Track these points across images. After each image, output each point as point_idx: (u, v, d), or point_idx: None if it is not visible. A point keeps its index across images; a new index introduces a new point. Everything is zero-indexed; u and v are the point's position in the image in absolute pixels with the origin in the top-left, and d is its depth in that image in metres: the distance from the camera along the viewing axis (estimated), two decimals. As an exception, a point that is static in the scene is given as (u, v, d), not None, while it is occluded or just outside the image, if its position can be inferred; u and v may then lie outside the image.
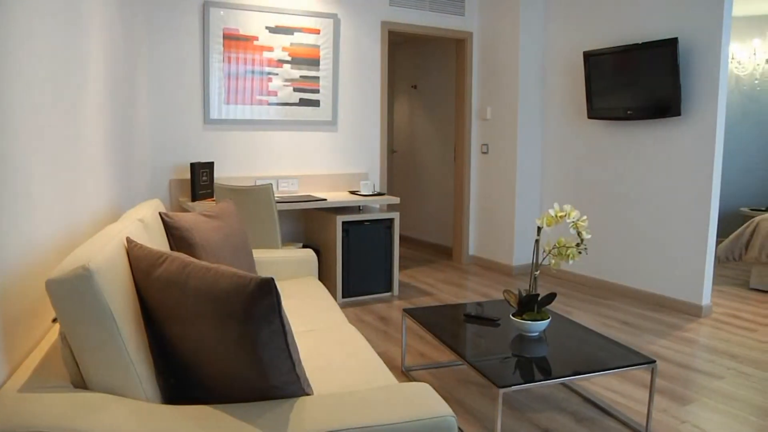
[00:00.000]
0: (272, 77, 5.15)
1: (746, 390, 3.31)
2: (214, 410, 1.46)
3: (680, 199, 4.81)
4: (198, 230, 2.55)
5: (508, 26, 5.90)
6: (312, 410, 1.51)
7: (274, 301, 1.46)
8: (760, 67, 7.26)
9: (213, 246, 2.58)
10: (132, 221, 2.10)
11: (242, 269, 2.84)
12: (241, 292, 1.45)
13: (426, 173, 7.47)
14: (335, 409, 1.53)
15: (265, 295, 1.44)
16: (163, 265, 1.63)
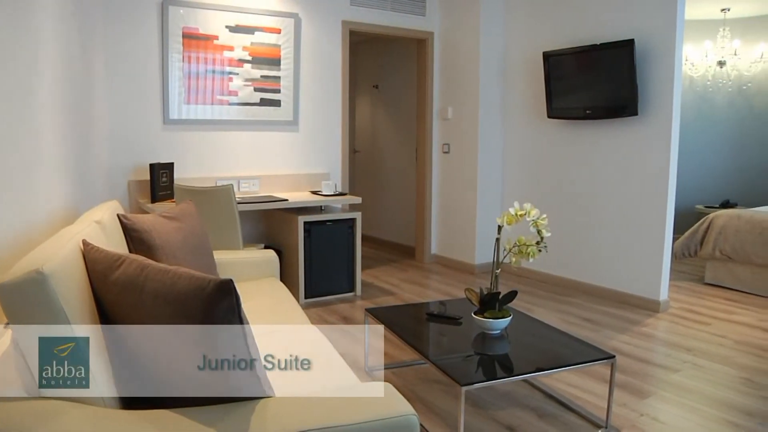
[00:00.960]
0: (233, 77, 5.10)
1: (701, 382, 3.39)
2: (174, 414, 1.44)
3: (638, 197, 4.90)
4: (157, 232, 2.51)
5: (469, 26, 5.94)
6: (273, 412, 1.50)
7: (234, 302, 1.44)
8: (711, 69, 7.44)
9: (173, 248, 2.54)
10: (89, 223, 2.05)
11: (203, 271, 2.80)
12: (199, 293, 1.43)
13: (388, 173, 7.48)
14: (297, 411, 1.52)
15: (224, 297, 1.43)
16: (120, 268, 1.60)
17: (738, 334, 4.24)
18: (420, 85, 6.38)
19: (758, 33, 7.23)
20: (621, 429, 2.83)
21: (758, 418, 2.95)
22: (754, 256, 5.21)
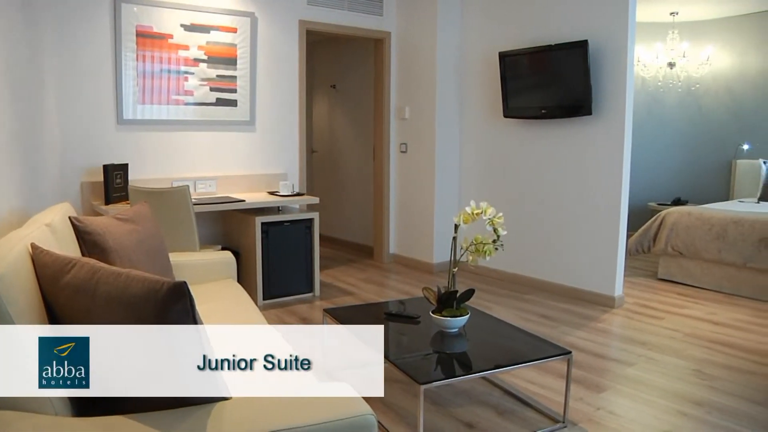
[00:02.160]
0: (188, 76, 5.02)
1: (654, 375, 3.47)
2: (128, 420, 1.42)
3: (593, 195, 4.98)
4: (111, 234, 2.45)
5: (426, 26, 5.96)
6: (230, 415, 1.49)
7: (188, 304, 1.42)
8: (662, 70, 7.61)
9: (127, 250, 2.49)
10: (38, 226, 2.00)
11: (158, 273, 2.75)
12: (152, 296, 1.41)
13: (346, 173, 7.47)
14: (254, 413, 1.51)
15: (178, 299, 1.41)
16: (71, 272, 1.57)
17: (689, 327, 4.35)
18: (377, 84, 6.39)
19: (705, 36, 7.43)
20: (578, 423, 2.87)
21: (707, 407, 3.04)
22: (704, 252, 5.35)
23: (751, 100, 7.18)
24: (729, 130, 7.39)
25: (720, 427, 2.85)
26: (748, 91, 7.21)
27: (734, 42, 7.27)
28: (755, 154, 7.08)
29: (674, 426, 2.85)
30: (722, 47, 7.36)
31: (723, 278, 5.32)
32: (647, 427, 2.84)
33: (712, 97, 7.53)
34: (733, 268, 5.24)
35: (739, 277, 5.21)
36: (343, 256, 6.79)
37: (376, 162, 6.49)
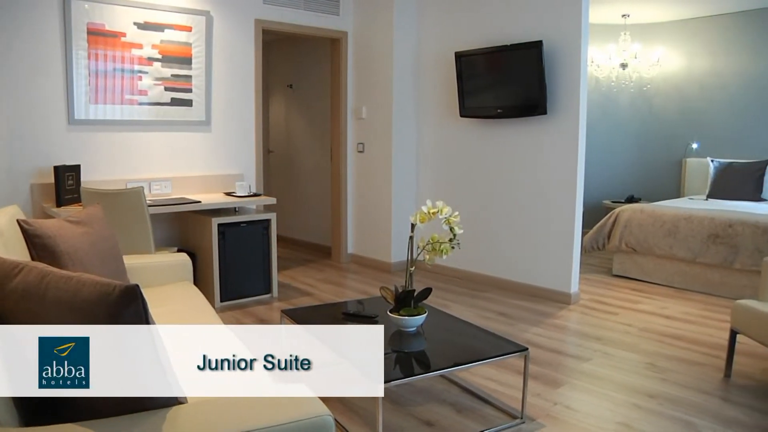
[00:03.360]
0: (142, 76, 4.93)
1: (610, 369, 3.54)
2: (80, 428, 1.38)
3: (548, 194, 5.05)
4: (62, 237, 2.39)
5: (382, 26, 5.97)
6: (186, 419, 1.46)
7: (140, 308, 1.40)
8: (615, 71, 7.76)
9: (79, 254, 2.43)
10: (-17, 230, 1.94)
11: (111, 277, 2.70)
12: (104, 300, 1.38)
13: (303, 173, 7.44)
14: (210, 416, 1.49)
15: (130, 303, 1.38)
16: (18, 276, 1.52)
17: (642, 322, 4.44)
18: (334, 84, 6.37)
19: (656, 38, 7.61)
20: (536, 418, 2.91)
21: (659, 399, 3.12)
22: (656, 248, 5.47)
23: (699, 101, 7.38)
24: (679, 129, 7.58)
25: (671, 417, 2.92)
26: (695, 91, 7.41)
27: (683, 44, 7.47)
28: (703, 153, 7.28)
29: (628, 418, 2.91)
30: (672, 49, 7.55)
31: (674, 273, 5.45)
32: (602, 420, 2.89)
33: (662, 97, 7.71)
34: (683, 264, 5.38)
35: (690, 272, 5.35)
36: (301, 257, 6.75)
37: (334, 162, 6.48)
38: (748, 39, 6.94)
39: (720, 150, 7.16)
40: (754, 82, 6.92)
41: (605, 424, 2.86)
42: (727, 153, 7.09)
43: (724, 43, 7.14)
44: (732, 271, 5.09)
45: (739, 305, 3.31)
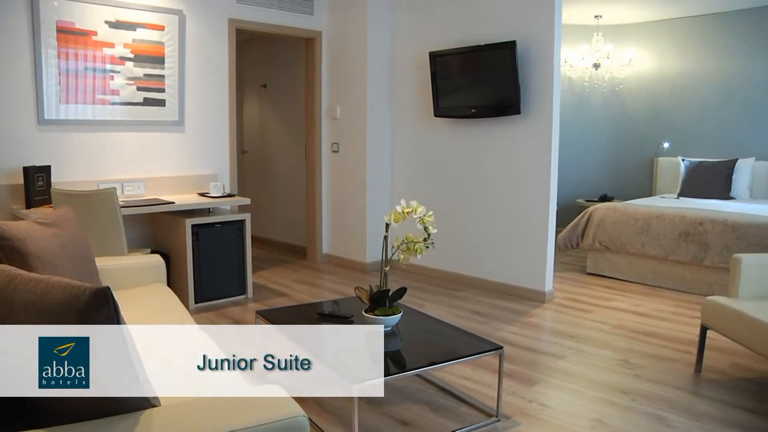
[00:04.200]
0: (114, 75, 4.87)
1: (584, 366, 3.57)
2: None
3: (522, 193, 5.08)
4: (32, 239, 2.35)
5: (357, 26, 5.96)
6: (159, 422, 1.45)
7: (112, 310, 1.37)
8: (588, 71, 7.84)
9: (50, 256, 2.40)
10: (-52, 232, 1.90)
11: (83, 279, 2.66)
12: (74, 303, 1.36)
13: (278, 173, 7.40)
14: (183, 419, 1.48)
15: (101, 305, 1.36)
16: (-16, 279, 1.49)
17: (616, 319, 4.49)
18: (308, 84, 6.35)
19: (628, 39, 7.71)
20: (511, 416, 2.93)
21: (632, 395, 3.16)
22: (629, 246, 5.53)
23: (670, 101, 7.49)
24: (650, 129, 7.68)
25: (644, 412, 2.96)
26: (666, 91, 7.51)
27: (654, 45, 7.57)
28: (674, 152, 7.38)
29: (602, 414, 2.94)
30: (643, 50, 7.65)
31: (647, 271, 5.52)
32: (577, 417, 2.91)
33: (634, 97, 7.81)
34: (656, 261, 5.45)
35: (662, 270, 5.42)
36: (276, 257, 6.72)
37: (308, 162, 6.46)
38: (717, 41, 7.05)
39: (690, 149, 7.28)
40: (722, 83, 7.04)
41: (580, 420, 2.88)
42: (697, 152, 7.21)
43: (693, 45, 7.25)
44: (702, 268, 5.17)
45: (709, 302, 3.36)
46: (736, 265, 3.36)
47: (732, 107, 6.99)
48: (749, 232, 4.89)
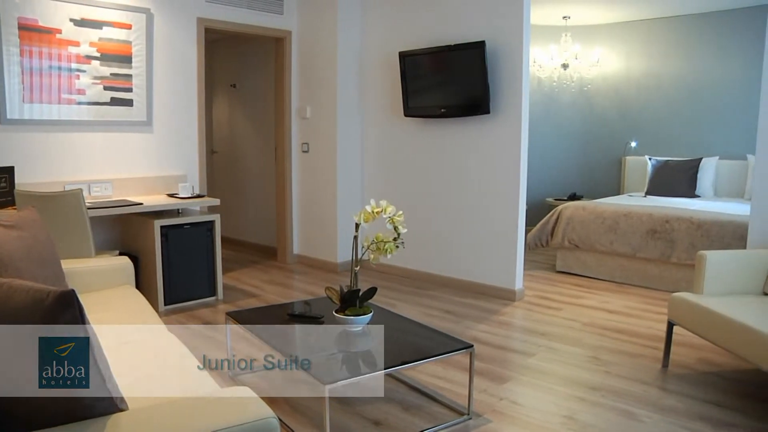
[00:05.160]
0: (80, 74, 4.79)
1: (554, 363, 3.60)
2: (11, 438, 1.33)
3: (492, 192, 5.12)
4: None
5: (326, 26, 5.95)
6: (127, 426, 1.43)
7: (77, 314, 1.35)
8: (557, 71, 7.92)
9: (14, 258, 2.36)
10: None
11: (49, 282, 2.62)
12: (38, 306, 1.33)
13: (248, 173, 7.35)
14: (152, 423, 1.46)
15: (65, 309, 1.33)
16: (-56, 283, 1.46)
17: (586, 316, 4.54)
18: (278, 84, 6.32)
19: (595, 39, 7.81)
20: (483, 414, 2.94)
21: (602, 391, 3.20)
22: (597, 244, 5.60)
23: (637, 101, 7.60)
24: (618, 128, 7.79)
25: (613, 408, 2.99)
26: (633, 92, 7.62)
27: (621, 46, 7.67)
28: (641, 151, 7.50)
29: (572, 411, 2.97)
30: (611, 50, 7.75)
31: (615, 268, 5.59)
32: (548, 414, 2.94)
33: (602, 97, 7.91)
34: (624, 259, 5.52)
35: (630, 267, 5.50)
36: (247, 258, 6.68)
37: (278, 162, 6.42)
38: (682, 43, 7.18)
39: (657, 148, 7.40)
40: (687, 83, 7.17)
41: (550, 417, 2.91)
42: (663, 151, 7.34)
43: (659, 46, 7.37)
44: (669, 265, 5.25)
45: (675, 298, 3.42)
46: (701, 262, 3.42)
47: (696, 107, 7.12)
48: (713, 230, 4.98)
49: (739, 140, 6.79)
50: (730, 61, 6.83)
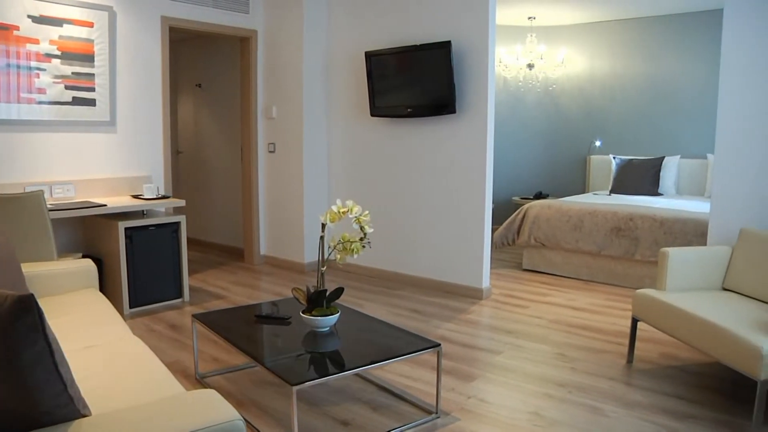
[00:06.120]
0: (39, 73, 4.69)
1: (521, 361, 3.63)
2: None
3: (459, 191, 5.14)
4: (-51, 245, 2.25)
5: (292, 25, 5.92)
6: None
7: (36, 318, 1.32)
8: (522, 71, 8.00)
9: (-31, 262, 2.30)
10: None
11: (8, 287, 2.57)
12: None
13: (214, 174, 7.29)
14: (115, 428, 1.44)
15: (24, 314, 1.30)
16: None
17: (552, 314, 4.59)
18: (244, 84, 6.27)
19: (560, 40, 7.90)
20: (451, 412, 2.96)
21: (569, 388, 3.23)
22: (563, 242, 5.66)
23: (601, 100, 7.71)
24: (583, 127, 7.89)
25: (580, 404, 3.03)
26: (597, 91, 7.73)
27: (585, 47, 7.78)
28: (606, 150, 7.62)
29: (539, 408, 3.00)
30: (575, 51, 7.85)
31: (581, 266, 5.66)
32: (515, 411, 2.96)
33: (567, 96, 8.00)
34: (589, 257, 5.60)
35: (595, 265, 5.57)
36: (213, 259, 6.62)
37: (245, 162, 6.38)
38: (644, 44, 7.30)
39: (621, 147, 7.52)
40: (650, 84, 7.29)
41: (518, 414, 2.93)
42: (627, 150, 7.46)
43: (622, 47, 7.49)
44: (633, 263, 5.34)
45: (639, 294, 3.47)
46: (663, 259, 3.48)
47: (659, 107, 7.25)
48: (675, 227, 5.07)
49: (699, 140, 6.94)
50: (690, 62, 6.97)
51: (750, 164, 3.69)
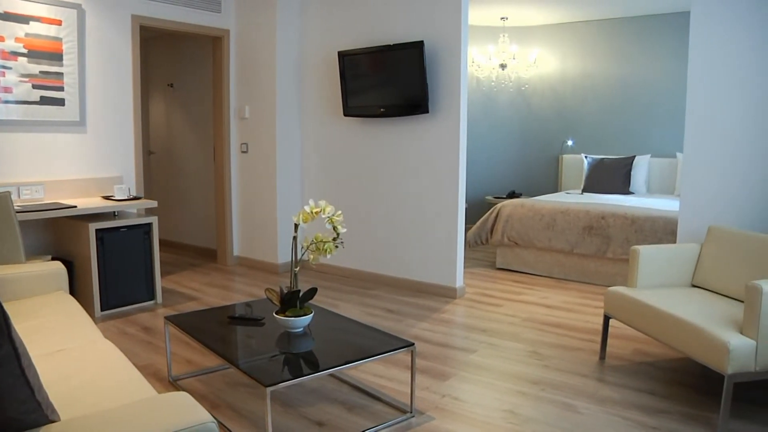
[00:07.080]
0: (5, 72, 4.61)
1: (495, 359, 3.66)
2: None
3: (432, 191, 5.16)
4: None
5: (265, 25, 5.89)
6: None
7: (2, 323, 1.30)
8: (495, 71, 8.05)
9: (-66, 265, 2.25)
10: None
11: (-27, 289, 2.52)
12: (-43, 316, 1.28)
13: (186, 174, 7.22)
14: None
15: (-13, 317, 1.28)
16: None
17: (525, 312, 4.63)
18: (216, 83, 6.22)
19: (532, 40, 7.97)
20: (425, 411, 2.96)
21: (542, 385, 3.26)
22: (536, 241, 5.71)
23: (572, 100, 7.79)
24: (555, 127, 7.97)
25: (553, 401, 3.06)
26: (569, 91, 7.81)
27: (557, 47, 7.85)
28: (578, 149, 7.70)
29: (514, 405, 3.02)
30: (547, 51, 7.93)
31: (554, 264, 5.71)
32: (490, 409, 2.98)
33: (539, 96, 8.07)
34: (562, 255, 5.65)
35: (568, 263, 5.63)
36: (186, 261, 6.56)
37: (217, 163, 6.33)
38: (615, 45, 7.39)
39: (592, 147, 7.61)
40: (620, 84, 7.39)
41: (492, 412, 2.95)
42: (598, 149, 7.55)
43: (593, 48, 7.57)
44: (605, 261, 5.40)
45: (611, 292, 3.51)
46: (634, 257, 3.53)
47: (629, 107, 7.35)
48: (646, 225, 5.14)
49: (669, 139, 7.05)
50: (659, 63, 7.07)
51: (718, 163, 3.76)
